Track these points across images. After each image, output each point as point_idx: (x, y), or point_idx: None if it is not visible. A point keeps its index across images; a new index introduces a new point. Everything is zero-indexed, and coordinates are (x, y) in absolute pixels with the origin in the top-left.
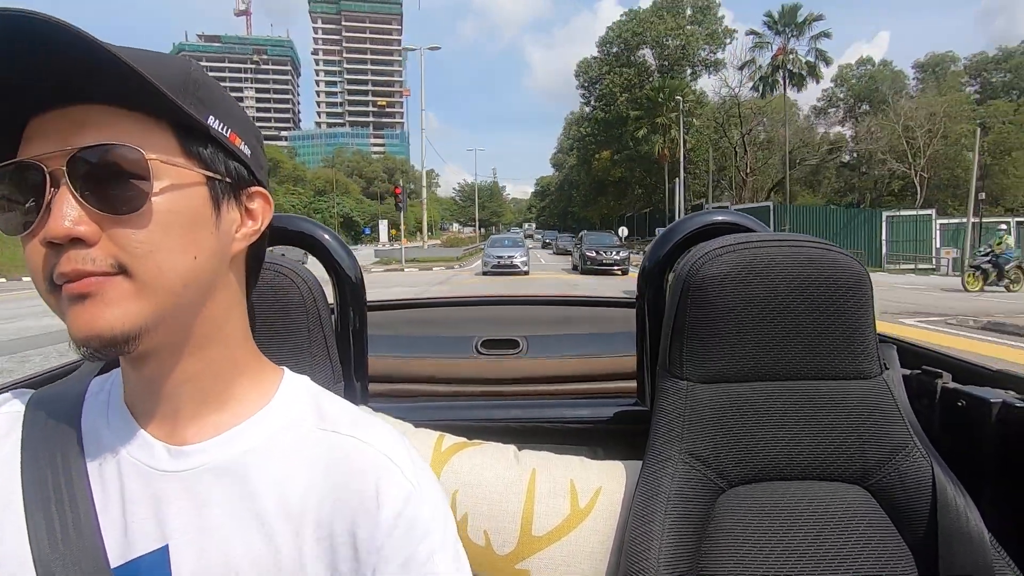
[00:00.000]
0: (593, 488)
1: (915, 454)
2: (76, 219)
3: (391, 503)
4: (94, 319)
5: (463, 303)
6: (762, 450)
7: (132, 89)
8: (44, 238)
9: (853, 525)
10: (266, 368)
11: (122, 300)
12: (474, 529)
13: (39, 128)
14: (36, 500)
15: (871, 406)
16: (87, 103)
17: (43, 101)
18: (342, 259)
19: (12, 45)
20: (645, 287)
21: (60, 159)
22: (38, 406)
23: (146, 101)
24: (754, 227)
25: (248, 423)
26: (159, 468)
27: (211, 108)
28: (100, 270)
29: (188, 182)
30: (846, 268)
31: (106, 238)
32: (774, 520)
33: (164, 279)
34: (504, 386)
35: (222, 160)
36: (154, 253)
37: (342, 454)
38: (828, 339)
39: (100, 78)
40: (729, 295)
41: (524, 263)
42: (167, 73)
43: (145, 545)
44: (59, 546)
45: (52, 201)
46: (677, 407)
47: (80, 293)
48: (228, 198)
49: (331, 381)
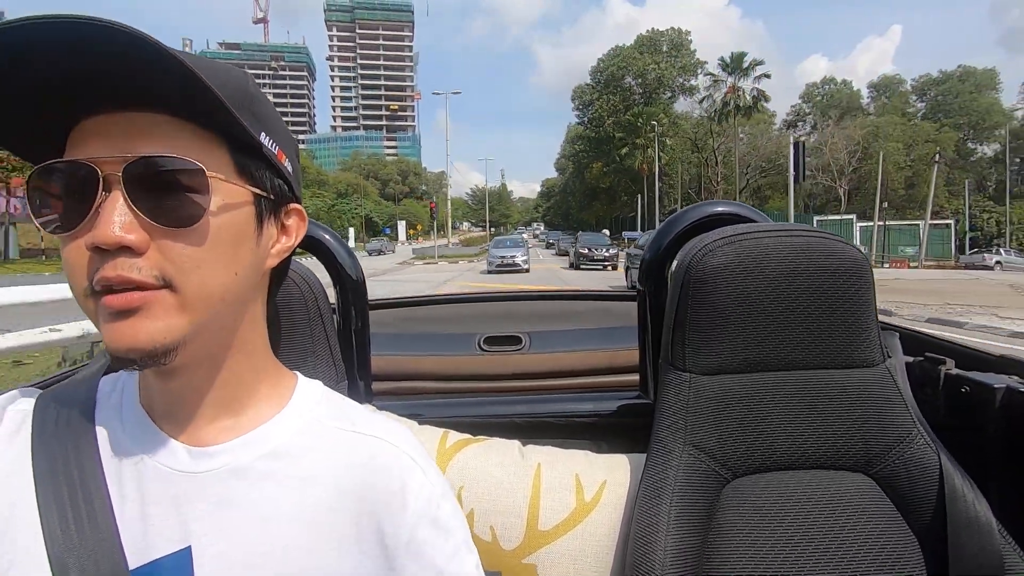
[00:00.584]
0: (598, 482)
1: (919, 441)
2: (127, 226)
3: (415, 502)
4: (137, 333)
5: (464, 300)
6: (765, 440)
7: (194, 100)
8: (91, 242)
9: (858, 514)
10: (282, 372)
11: (165, 314)
12: (480, 524)
13: (94, 129)
14: (50, 499)
15: (874, 394)
16: (145, 109)
17: (99, 102)
18: (343, 259)
19: (75, 47)
20: (646, 279)
21: (117, 164)
22: (48, 405)
23: (206, 113)
24: (755, 217)
25: (268, 425)
26: (180, 469)
27: (263, 124)
28: (145, 280)
29: (238, 199)
30: (846, 257)
31: (154, 248)
32: (779, 510)
33: (206, 294)
34: (507, 382)
35: (268, 177)
36: (200, 268)
37: (366, 454)
38: (830, 328)
39: (163, 86)
40: (730, 286)
41: (525, 261)
42: (229, 86)
43: (166, 546)
44: (75, 545)
45: (103, 205)
46: (680, 399)
47: (124, 308)
48: (269, 215)
49: (334, 380)
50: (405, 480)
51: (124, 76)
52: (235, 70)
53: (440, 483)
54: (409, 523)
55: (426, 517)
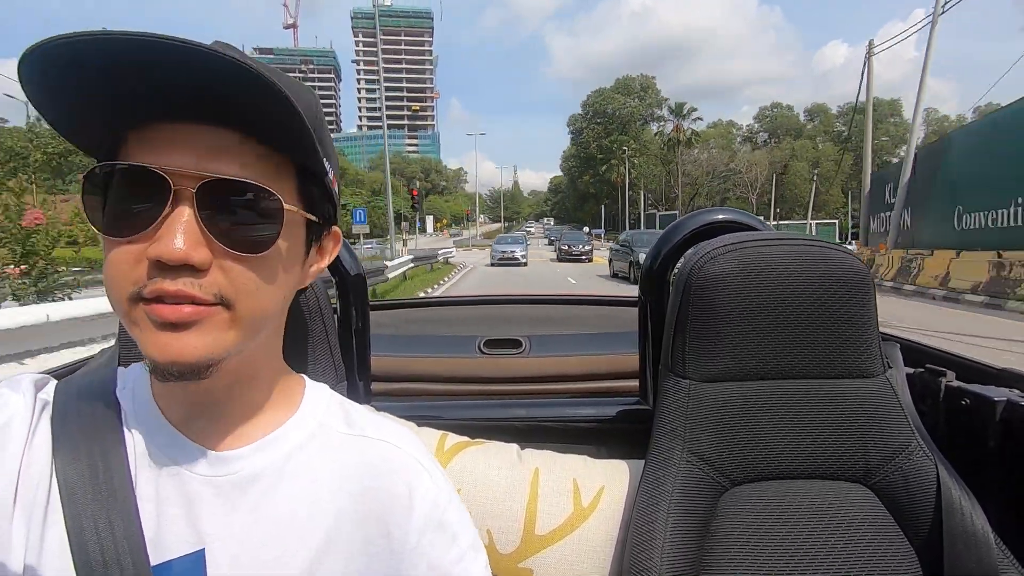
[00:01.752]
0: (596, 487)
1: (918, 453)
2: (193, 244)
3: (422, 506)
4: (186, 347)
5: (465, 303)
6: (764, 449)
7: (280, 123)
8: (154, 254)
9: (856, 524)
10: (291, 376)
11: (216, 330)
12: (477, 528)
13: (169, 137)
14: (75, 493)
15: (874, 405)
16: (222, 125)
17: (176, 110)
18: (344, 258)
19: (177, 65)
20: (647, 286)
21: (193, 180)
22: (67, 396)
23: (282, 136)
24: (756, 225)
25: (280, 431)
26: (195, 472)
27: (324, 148)
28: (206, 298)
29: (299, 227)
30: (848, 266)
31: (216, 268)
32: (776, 519)
33: (259, 315)
34: (507, 385)
35: (322, 202)
36: (259, 292)
37: (374, 458)
38: (830, 337)
39: (252, 108)
40: (731, 294)
41: (523, 256)
42: (309, 112)
43: (179, 548)
44: (100, 541)
45: (169, 218)
46: (679, 406)
47: (180, 322)
48: (315, 238)
49: (334, 380)
50: (412, 484)
51: (212, 91)
52: (308, 91)
53: (447, 487)
54: (417, 527)
55: (433, 521)
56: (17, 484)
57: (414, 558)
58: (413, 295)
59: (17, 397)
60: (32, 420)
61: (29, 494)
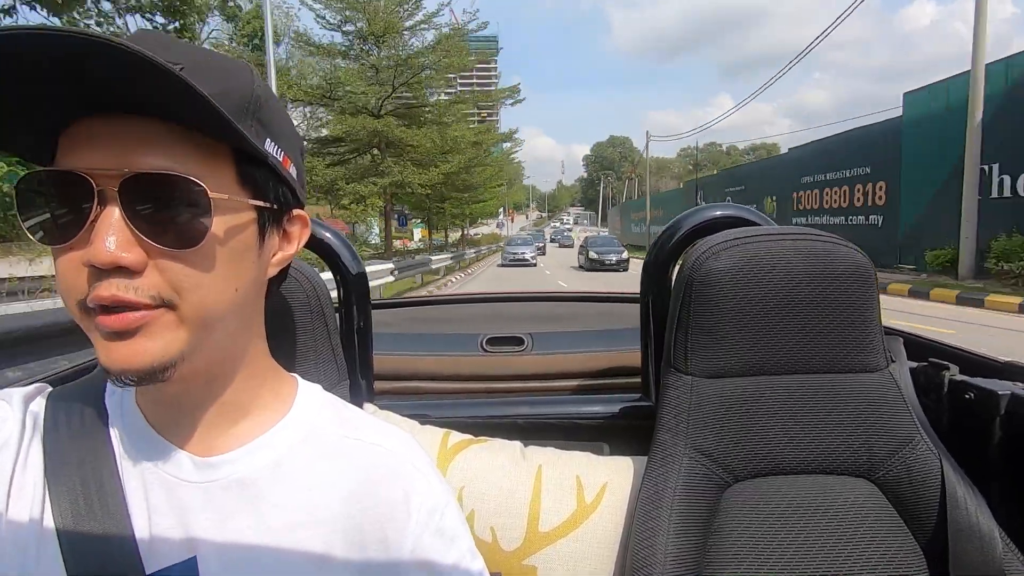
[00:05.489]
0: (599, 484)
1: (922, 447)
2: (123, 245)
3: (419, 510)
4: (135, 354)
5: (467, 300)
6: (767, 444)
7: (194, 109)
8: (86, 260)
9: (860, 519)
10: (282, 377)
11: (162, 333)
12: (481, 525)
13: (87, 134)
14: (67, 510)
15: (877, 399)
16: (139, 114)
17: (92, 106)
18: (345, 257)
19: (66, 59)
20: (649, 282)
21: (114, 179)
22: (59, 407)
23: (207, 123)
24: (758, 221)
25: (270, 433)
26: (183, 479)
27: (268, 129)
28: (142, 301)
29: (241, 215)
30: (850, 261)
31: (152, 268)
32: (780, 514)
33: (206, 313)
34: (509, 383)
35: (272, 186)
36: (200, 288)
37: (368, 462)
38: (833, 332)
39: (160, 92)
40: (733, 289)
41: (533, 257)
42: (232, 93)
43: (172, 556)
44: (94, 556)
45: (98, 220)
46: (682, 402)
47: (121, 330)
48: (272, 225)
49: (336, 379)
50: (408, 489)
51: (119, 83)
52: (241, 72)
53: (443, 490)
54: (413, 532)
55: (430, 525)
56: (8, 503)
57: (411, 563)
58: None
59: (8, 412)
60: (23, 440)
61: (23, 513)
